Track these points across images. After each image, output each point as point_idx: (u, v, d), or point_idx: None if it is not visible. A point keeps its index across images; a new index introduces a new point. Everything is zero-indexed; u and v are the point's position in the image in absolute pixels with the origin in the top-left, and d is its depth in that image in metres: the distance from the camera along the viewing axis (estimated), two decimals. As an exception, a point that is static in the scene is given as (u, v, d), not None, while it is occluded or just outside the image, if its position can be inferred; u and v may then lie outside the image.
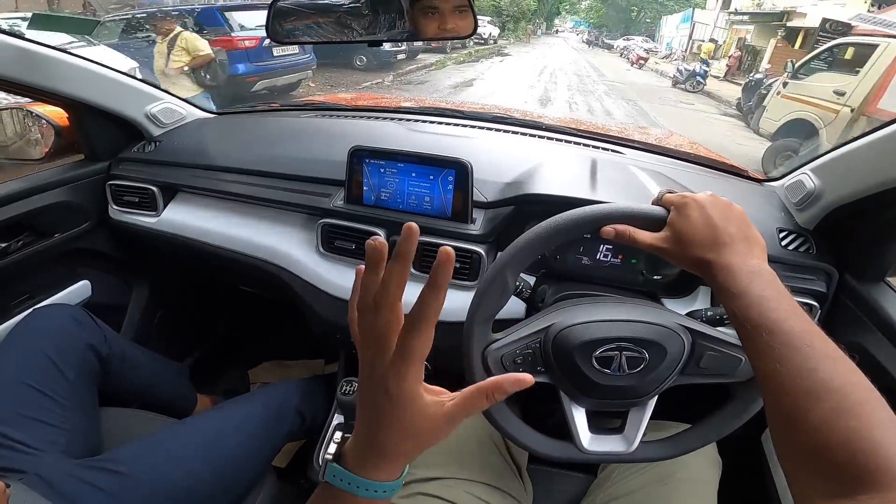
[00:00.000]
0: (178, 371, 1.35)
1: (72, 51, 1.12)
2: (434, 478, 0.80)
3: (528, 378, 0.41)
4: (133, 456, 0.83)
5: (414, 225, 0.40)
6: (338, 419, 1.07)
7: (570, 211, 0.65)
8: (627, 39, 36.08)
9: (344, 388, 1.04)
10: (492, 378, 0.41)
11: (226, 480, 0.86)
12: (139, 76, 1.29)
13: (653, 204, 0.65)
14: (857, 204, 0.84)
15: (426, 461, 0.83)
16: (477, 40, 22.13)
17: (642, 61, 24.27)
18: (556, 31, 70.23)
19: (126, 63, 5.35)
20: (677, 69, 16.45)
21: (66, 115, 1.24)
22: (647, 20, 48.01)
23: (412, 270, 0.97)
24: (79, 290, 1.29)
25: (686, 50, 30.34)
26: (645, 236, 0.62)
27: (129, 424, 1.00)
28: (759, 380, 0.47)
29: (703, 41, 28.14)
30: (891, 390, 0.74)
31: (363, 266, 0.41)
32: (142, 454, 0.84)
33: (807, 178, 0.93)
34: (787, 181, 1.02)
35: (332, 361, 1.70)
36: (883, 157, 0.78)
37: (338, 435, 0.42)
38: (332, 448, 0.45)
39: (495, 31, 26.92)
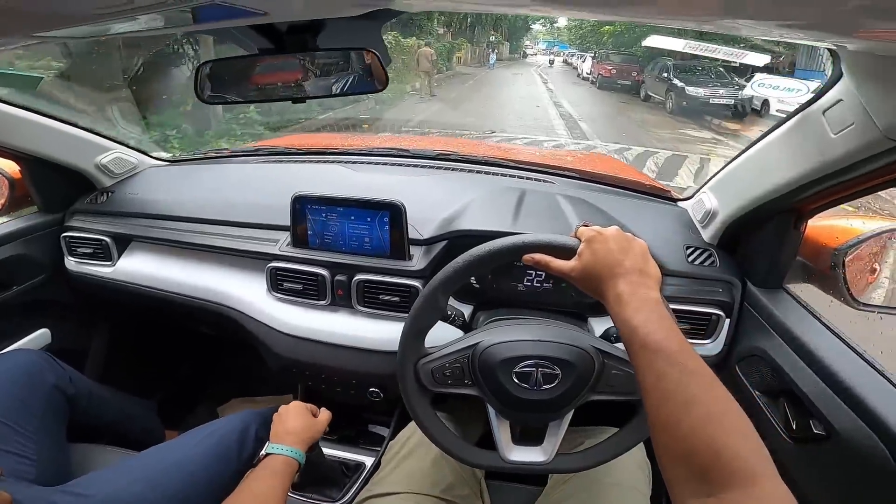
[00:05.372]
0: (145, 407, 1.39)
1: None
2: (390, 493, 0.87)
3: None
4: (94, 482, 0.87)
5: None
6: None
7: (495, 241, 0.73)
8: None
9: None
10: None
11: None
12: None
13: (572, 235, 0.73)
14: (746, 217, 0.95)
15: (383, 478, 0.90)
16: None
17: None
18: (525, 55, 45.78)
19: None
20: None
21: (18, 167, 1.26)
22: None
23: (356, 306, 1.04)
24: (38, 337, 1.31)
25: None
26: (558, 264, 0.70)
27: (98, 459, 1.04)
28: (643, 393, 0.55)
29: None
30: (790, 392, 0.84)
31: None
32: (102, 482, 0.88)
33: (706, 196, 1.04)
34: (693, 200, 1.12)
35: None
36: (757, 172, 0.88)
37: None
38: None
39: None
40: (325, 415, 0.95)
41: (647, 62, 15.16)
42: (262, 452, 0.83)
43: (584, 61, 22.04)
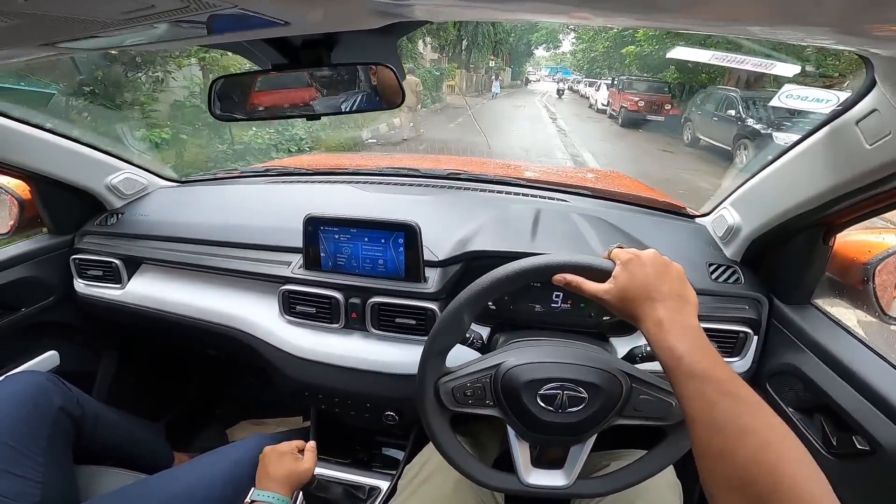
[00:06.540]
0: (153, 430, 1.37)
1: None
2: None
3: None
4: None
5: None
6: None
7: (526, 259, 0.71)
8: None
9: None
10: None
11: None
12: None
13: (605, 257, 0.71)
14: (772, 233, 0.92)
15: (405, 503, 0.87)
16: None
17: None
18: (527, 81, 43.77)
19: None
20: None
21: (28, 187, 1.26)
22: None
23: (370, 329, 1.01)
24: (46, 360, 1.30)
25: None
26: (591, 286, 0.68)
27: (105, 481, 1.02)
28: (690, 421, 0.53)
29: None
30: (826, 407, 0.81)
31: None
32: None
33: (727, 212, 1.01)
34: (713, 216, 1.10)
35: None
36: (781, 186, 0.86)
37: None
38: None
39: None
40: (310, 454, 0.91)
41: (678, 90, 11.93)
42: (247, 500, 0.81)
43: (597, 89, 17.85)
